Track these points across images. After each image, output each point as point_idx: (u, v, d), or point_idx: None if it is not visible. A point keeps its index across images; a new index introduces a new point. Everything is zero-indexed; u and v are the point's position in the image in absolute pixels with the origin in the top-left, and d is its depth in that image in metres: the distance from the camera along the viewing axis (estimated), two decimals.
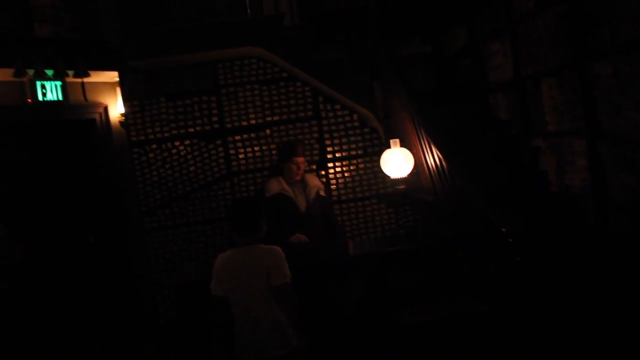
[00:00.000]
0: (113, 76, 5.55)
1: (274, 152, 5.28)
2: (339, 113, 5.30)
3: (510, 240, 3.29)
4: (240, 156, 5.30)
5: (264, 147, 5.30)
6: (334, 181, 5.27)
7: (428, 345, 3.74)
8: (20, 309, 4.74)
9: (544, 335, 3.42)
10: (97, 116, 5.74)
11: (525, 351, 3.44)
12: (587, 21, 3.84)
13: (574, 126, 4.10)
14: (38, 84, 5.07)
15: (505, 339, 3.56)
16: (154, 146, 5.26)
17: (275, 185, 4.47)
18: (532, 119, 4.66)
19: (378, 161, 4.72)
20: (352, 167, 5.30)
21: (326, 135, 5.28)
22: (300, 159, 4.48)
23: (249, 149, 5.30)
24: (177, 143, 5.28)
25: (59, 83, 5.19)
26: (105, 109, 5.80)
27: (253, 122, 5.30)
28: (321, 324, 3.91)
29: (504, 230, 3.32)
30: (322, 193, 4.57)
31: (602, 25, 3.71)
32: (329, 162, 5.28)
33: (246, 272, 3.18)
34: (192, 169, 5.28)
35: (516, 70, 4.74)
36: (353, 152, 5.29)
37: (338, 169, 5.29)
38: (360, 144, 5.30)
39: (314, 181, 4.58)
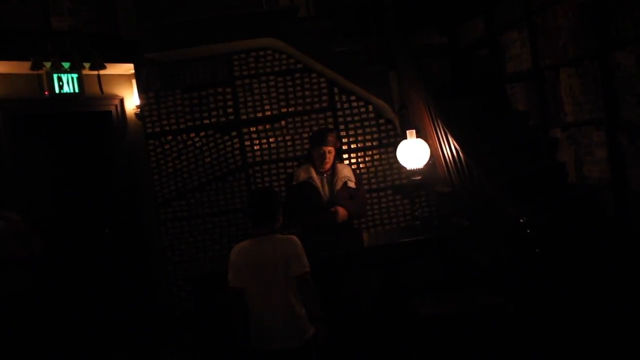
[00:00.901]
0: (129, 68, 5.57)
1: (289, 143, 5.28)
2: (355, 104, 5.28)
3: (528, 231, 3.26)
4: (256, 147, 5.30)
5: (279, 139, 5.30)
6: None
7: (445, 337, 3.72)
8: (36, 302, 4.77)
9: (562, 327, 3.39)
10: (113, 108, 5.77)
11: (543, 344, 3.41)
12: (607, 10, 3.78)
13: (594, 117, 4.05)
14: (55, 76, 5.10)
15: (522, 332, 3.53)
16: (170, 138, 5.28)
17: (304, 173, 4.41)
18: (550, 109, 4.61)
19: (394, 152, 4.69)
20: (367, 159, 5.28)
21: (341, 127, 5.27)
22: (328, 148, 4.35)
23: (264, 141, 5.30)
24: (192, 135, 5.29)
25: (75, 75, 5.21)
26: (121, 101, 5.83)
27: (268, 113, 5.30)
28: (338, 315, 3.91)
29: (521, 221, 3.29)
30: (351, 184, 4.42)
31: (623, 14, 3.65)
32: (345, 153, 5.26)
33: (263, 262, 3.17)
34: (207, 160, 5.30)
35: (534, 60, 4.69)
36: (368, 144, 5.27)
37: (353, 160, 5.27)
38: (376, 135, 5.28)
39: (343, 171, 4.44)
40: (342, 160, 4.86)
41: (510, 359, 3.57)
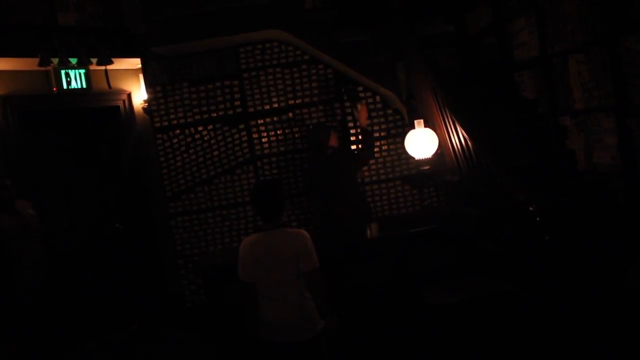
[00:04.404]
0: (136, 63, 5.58)
1: (297, 135, 5.27)
2: (362, 95, 5.25)
3: (538, 218, 3.24)
4: (264, 140, 5.30)
5: (287, 131, 5.30)
6: None
7: (455, 325, 3.73)
8: (47, 298, 4.79)
9: (573, 314, 3.38)
10: (120, 103, 5.80)
11: (554, 331, 3.40)
12: None
13: (603, 103, 4.02)
14: (62, 72, 5.11)
15: (533, 319, 3.52)
16: (178, 132, 5.30)
17: None
18: (559, 96, 4.57)
19: (402, 142, 4.67)
20: (375, 149, 5.26)
21: (349, 118, 5.25)
22: None
23: (272, 133, 5.30)
24: (200, 128, 5.30)
25: (82, 71, 5.22)
26: (129, 95, 5.85)
27: (276, 105, 5.29)
28: (348, 305, 3.92)
29: (531, 209, 3.27)
30: None
31: None
32: (352, 144, 5.25)
33: (273, 257, 3.15)
34: (215, 153, 5.31)
35: (542, 47, 4.65)
36: (376, 134, 5.26)
37: None
38: (384, 126, 5.27)
39: None
40: None
41: (520, 346, 3.57)
